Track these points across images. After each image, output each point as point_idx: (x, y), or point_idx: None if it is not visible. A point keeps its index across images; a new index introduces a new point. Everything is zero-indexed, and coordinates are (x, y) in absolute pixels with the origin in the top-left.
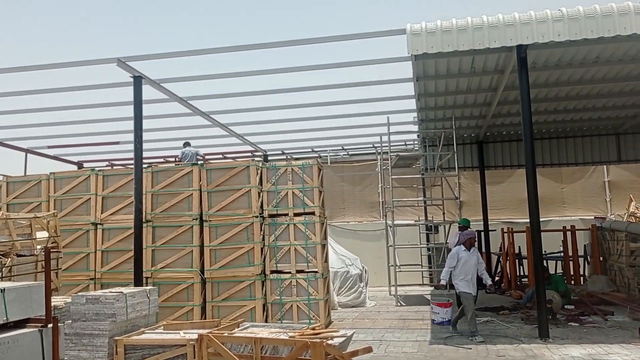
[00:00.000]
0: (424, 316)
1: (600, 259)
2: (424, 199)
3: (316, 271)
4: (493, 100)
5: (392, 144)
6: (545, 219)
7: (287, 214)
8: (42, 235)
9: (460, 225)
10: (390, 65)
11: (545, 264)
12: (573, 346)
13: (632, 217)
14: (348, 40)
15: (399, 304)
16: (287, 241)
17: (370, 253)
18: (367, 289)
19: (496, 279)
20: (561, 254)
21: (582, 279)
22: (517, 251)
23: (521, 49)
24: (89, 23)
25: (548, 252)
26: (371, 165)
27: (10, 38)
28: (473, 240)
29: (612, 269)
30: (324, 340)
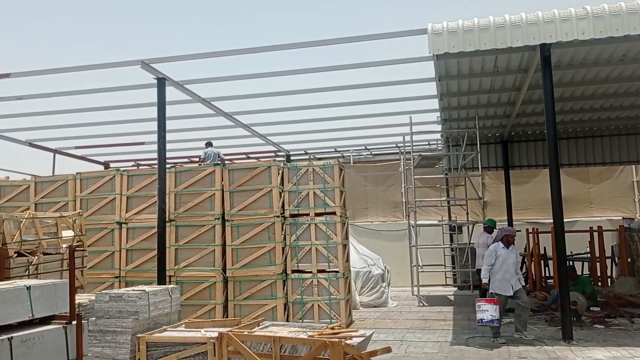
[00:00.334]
0: (446, 317)
1: (628, 260)
2: (447, 199)
3: (337, 271)
4: (517, 99)
5: (416, 144)
6: (572, 220)
7: (309, 214)
8: (68, 234)
9: (485, 225)
10: (412, 65)
11: (571, 265)
12: (597, 349)
13: None
14: (368, 41)
15: (421, 304)
16: (308, 241)
17: (393, 253)
18: (390, 289)
19: None
20: (588, 255)
21: (609, 280)
22: (543, 252)
23: (544, 48)
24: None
25: (575, 253)
26: (394, 165)
27: (34, 40)
28: (511, 238)
29: None
30: (343, 339)
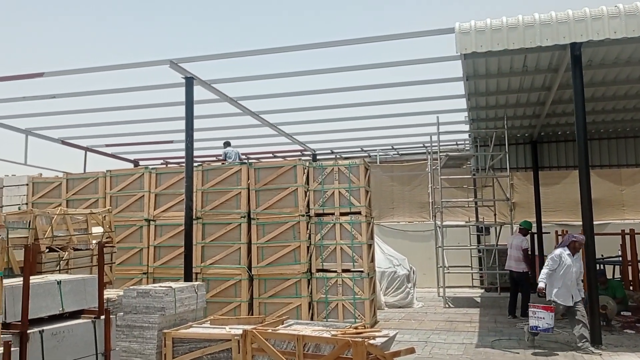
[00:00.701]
0: (472, 318)
1: None
2: (474, 199)
3: (362, 271)
4: (547, 99)
5: (443, 144)
6: (603, 222)
7: (334, 213)
8: (98, 230)
9: (520, 227)
10: (439, 64)
11: (601, 268)
12: (627, 354)
13: None
14: (394, 40)
15: (447, 306)
16: (333, 240)
17: (419, 254)
18: (415, 290)
19: None
20: (619, 259)
21: None
22: None
23: (575, 47)
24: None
25: (606, 257)
26: (421, 165)
27: (65, 40)
28: (579, 245)
29: None
30: (366, 339)
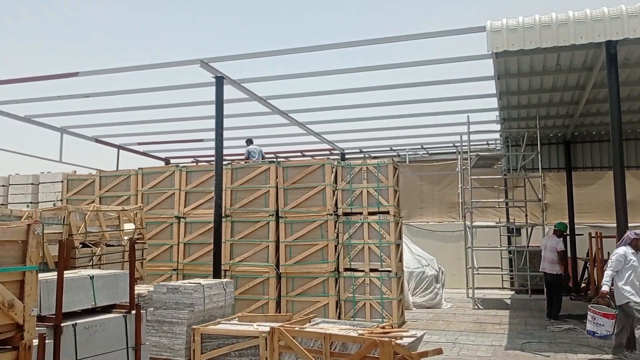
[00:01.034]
0: (501, 320)
1: None
2: (505, 200)
3: (390, 270)
4: (581, 98)
5: (474, 143)
6: (638, 224)
7: (362, 213)
8: (129, 227)
9: (555, 228)
10: (470, 63)
11: None
12: None
13: None
14: (423, 39)
15: (476, 307)
16: (361, 240)
17: (448, 254)
18: (444, 291)
19: (582, 285)
20: None
21: None
22: (606, 257)
23: (610, 45)
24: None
25: None
26: (451, 165)
27: (98, 39)
28: None
29: None
30: (393, 339)
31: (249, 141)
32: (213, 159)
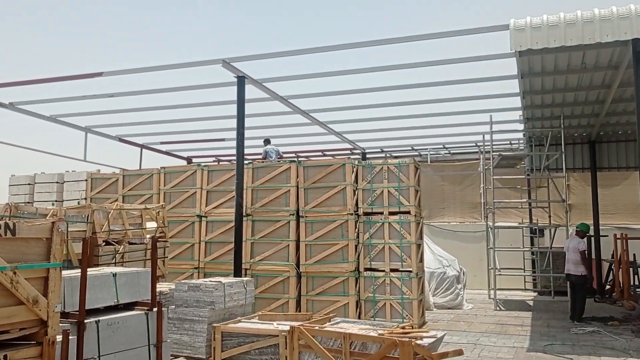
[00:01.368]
0: (523, 322)
1: None
2: (528, 200)
3: (410, 270)
4: (607, 97)
5: (497, 143)
6: None
7: (382, 213)
8: (152, 225)
9: (577, 229)
10: (493, 62)
11: None
12: None
13: None
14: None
15: (497, 308)
16: (382, 239)
17: (470, 255)
18: (465, 291)
19: (607, 287)
20: None
21: None
22: (632, 259)
23: (637, 43)
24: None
25: None
26: (473, 165)
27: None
28: None
29: None
30: (413, 339)
31: (267, 141)
32: (234, 158)
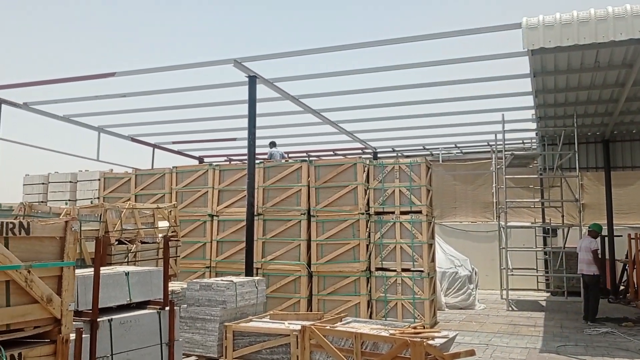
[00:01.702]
0: (536, 322)
1: None
2: (541, 200)
3: (422, 270)
4: (620, 96)
5: (509, 142)
6: None
7: (394, 212)
8: (164, 224)
9: (590, 229)
10: (504, 61)
11: None
12: None
13: None
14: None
15: (510, 309)
16: (393, 239)
17: (482, 255)
18: (477, 291)
19: (621, 288)
20: None
21: None
22: None
23: None
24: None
25: None
26: (485, 164)
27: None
28: None
29: None
30: (425, 339)
31: (272, 144)
32: (246, 157)
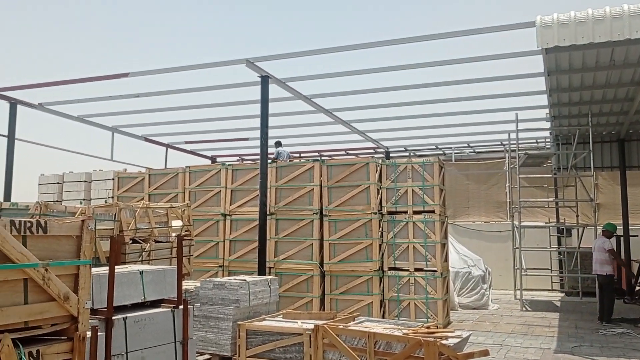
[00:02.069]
0: (550, 323)
1: None
2: (555, 199)
3: (435, 270)
4: (636, 95)
5: (523, 142)
6: None
7: (406, 212)
8: (177, 224)
9: (604, 229)
10: (518, 59)
11: None
12: None
13: None
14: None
15: (524, 309)
16: (406, 239)
17: (495, 254)
18: (490, 291)
19: (637, 288)
20: None
21: None
22: None
23: None
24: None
25: None
26: (498, 164)
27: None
28: None
29: None
30: (438, 339)
31: (278, 143)
32: (258, 157)
